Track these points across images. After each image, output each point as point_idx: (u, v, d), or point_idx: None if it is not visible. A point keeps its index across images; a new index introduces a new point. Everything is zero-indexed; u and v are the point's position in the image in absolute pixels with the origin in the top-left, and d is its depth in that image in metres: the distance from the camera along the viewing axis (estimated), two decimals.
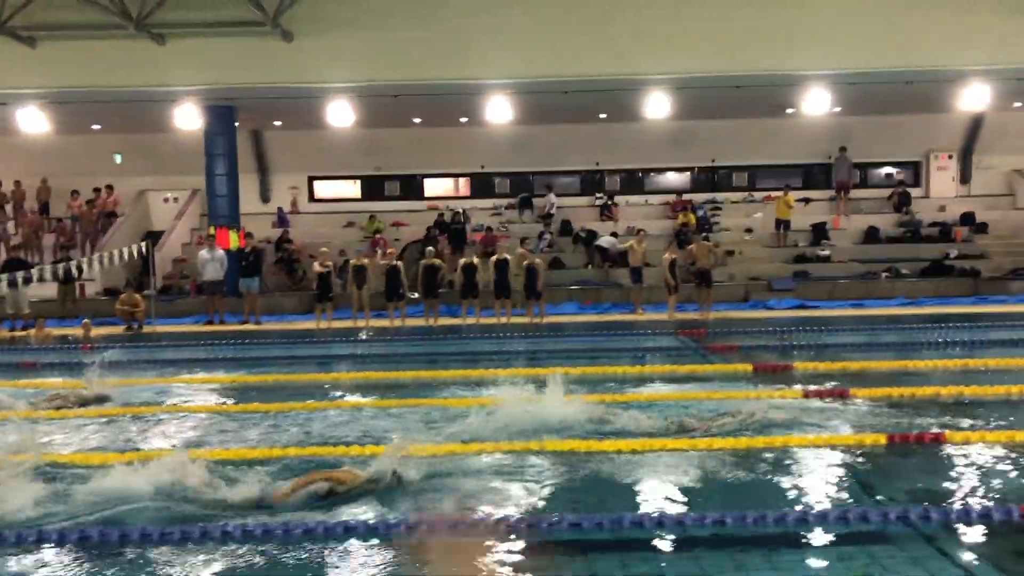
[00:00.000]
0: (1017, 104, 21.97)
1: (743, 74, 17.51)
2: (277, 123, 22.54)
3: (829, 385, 9.42)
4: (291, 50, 16.61)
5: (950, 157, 24.80)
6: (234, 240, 18.78)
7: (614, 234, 22.00)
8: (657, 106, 18.13)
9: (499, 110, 18.04)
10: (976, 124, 24.11)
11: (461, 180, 25.78)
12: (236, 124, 21.83)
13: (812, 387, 9.22)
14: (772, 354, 12.14)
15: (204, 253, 17.71)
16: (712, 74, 17.46)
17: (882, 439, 7.11)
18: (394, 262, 17.11)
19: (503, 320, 16.84)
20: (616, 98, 18.91)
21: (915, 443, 7.04)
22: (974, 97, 18.27)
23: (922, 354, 11.76)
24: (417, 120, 22.63)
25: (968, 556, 4.67)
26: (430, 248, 18.04)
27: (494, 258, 16.98)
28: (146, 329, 16.92)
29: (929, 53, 17.25)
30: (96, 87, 16.75)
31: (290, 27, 16.29)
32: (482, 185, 25.66)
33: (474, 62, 17.09)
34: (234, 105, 19.26)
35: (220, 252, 17.76)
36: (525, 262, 16.72)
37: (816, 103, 18.35)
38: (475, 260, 17.15)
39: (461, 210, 23.84)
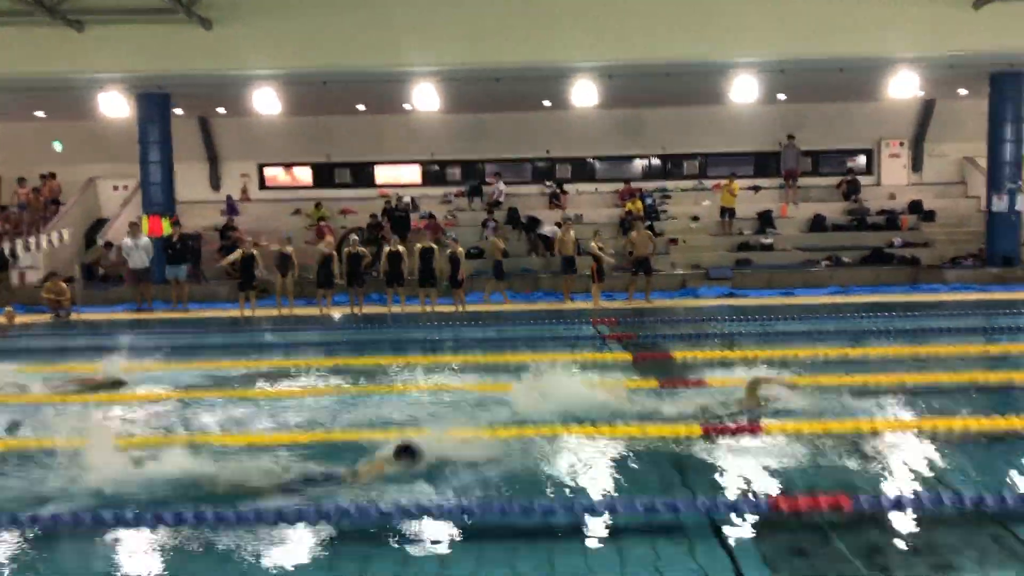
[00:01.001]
0: (963, 91, 21.84)
1: (672, 61, 17.41)
2: (221, 110, 22.47)
3: (691, 377, 9.43)
4: (212, 37, 16.54)
5: (902, 144, 24.68)
6: (167, 228, 18.76)
7: (557, 223, 21.93)
8: (586, 94, 18.02)
9: (427, 98, 17.94)
10: (927, 111, 24.00)
11: (412, 168, 25.72)
12: (180, 112, 21.94)
13: (669, 377, 9.25)
14: (663, 343, 12.19)
15: (127, 241, 17.71)
16: (641, 61, 17.37)
17: (697, 430, 7.13)
18: (325, 250, 17.07)
19: (427, 309, 16.86)
20: (550, 86, 18.82)
21: (729, 435, 7.05)
22: (904, 85, 18.14)
23: (812, 343, 11.78)
24: (361, 107, 22.57)
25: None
26: (354, 236, 18.02)
27: (418, 246, 16.97)
28: (73, 317, 16.95)
29: (859, 41, 17.14)
30: (15, 74, 16.70)
31: (208, 15, 16.22)
32: (433, 173, 25.61)
33: (399, 49, 17.02)
34: (168, 92, 19.20)
35: (145, 240, 17.76)
36: (448, 251, 16.70)
37: (746, 91, 18.22)
38: (400, 248, 17.12)
39: (409, 198, 23.81)
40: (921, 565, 4.52)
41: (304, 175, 25.74)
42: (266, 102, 18.28)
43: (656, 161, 25.56)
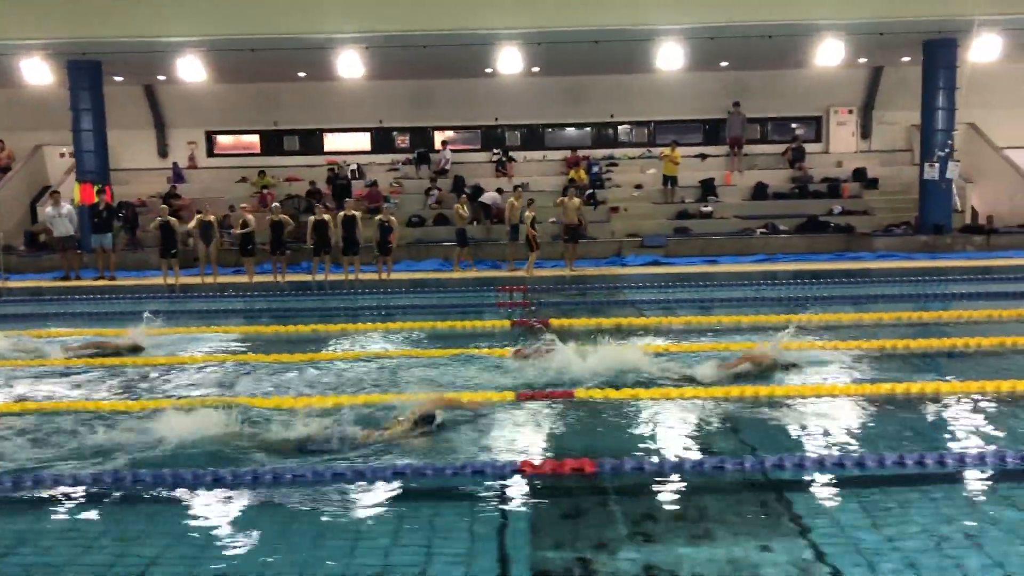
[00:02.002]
0: (906, 59, 21.71)
1: (598, 28, 17.34)
2: (162, 78, 22.37)
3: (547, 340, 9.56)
4: (137, 4, 16.49)
5: (850, 112, 24.59)
6: (98, 196, 18.80)
7: (499, 190, 21.95)
8: (513, 61, 17.95)
9: (352, 65, 17.88)
10: (875, 79, 23.90)
11: (362, 135, 25.67)
12: (120, 79, 21.86)
13: (521, 346, 9.37)
14: (557, 311, 12.32)
15: (49, 210, 17.79)
16: (567, 28, 17.30)
17: (511, 395, 7.27)
18: (247, 217, 17.13)
19: (351, 277, 16.96)
20: (482, 53, 18.72)
21: (542, 399, 7.19)
22: (831, 51, 18.07)
23: (706, 311, 11.93)
24: (302, 74, 22.49)
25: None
26: (276, 204, 18.06)
27: (341, 214, 17.02)
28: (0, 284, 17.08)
29: (785, 7, 17.07)
30: None
31: None
32: (382, 140, 25.56)
33: (323, 16, 16.94)
34: (99, 60, 19.13)
35: (67, 208, 17.83)
36: (378, 217, 16.80)
37: (673, 59, 18.14)
38: (326, 216, 17.18)
39: (355, 165, 23.84)
40: (683, 530, 4.52)
41: (253, 142, 25.71)
42: (192, 70, 18.20)
43: (606, 129, 25.51)
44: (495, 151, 24.71)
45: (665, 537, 4.40)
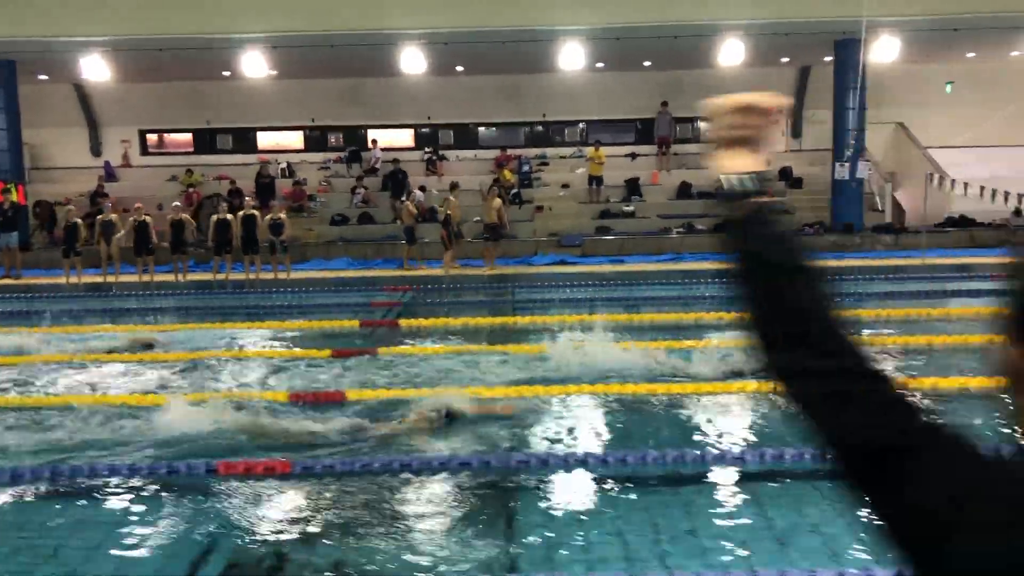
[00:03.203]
0: (828, 58, 21.76)
1: (500, 28, 17.40)
2: (84, 76, 22.38)
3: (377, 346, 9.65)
4: (38, 4, 16.53)
5: (780, 111, 24.57)
6: (13, 195, 18.83)
7: (422, 188, 21.97)
8: (413, 62, 18.02)
9: (255, 64, 17.94)
10: (804, 78, 23.97)
11: (295, 134, 25.73)
12: (45, 78, 21.91)
13: (343, 347, 9.46)
14: (425, 311, 12.42)
15: None
16: (470, 28, 17.36)
17: (283, 396, 7.35)
18: (143, 218, 17.18)
19: (252, 276, 17.03)
20: (376, 53, 18.78)
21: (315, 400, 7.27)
22: (733, 52, 18.13)
23: (576, 310, 12.03)
24: (226, 73, 22.52)
25: None
26: (176, 203, 18.10)
27: (240, 214, 17.08)
28: None
29: (689, 8, 17.13)
30: None
31: None
32: (315, 139, 25.62)
33: (224, 15, 16.99)
34: (13, 60, 19.17)
35: None
36: (269, 216, 16.87)
37: (572, 59, 18.21)
38: (228, 216, 17.24)
39: (285, 164, 23.91)
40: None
41: (187, 141, 25.77)
42: (101, 69, 18.30)
43: (538, 128, 25.58)
44: (426, 149, 24.78)
45: (361, 534, 4.51)
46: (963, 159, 23.51)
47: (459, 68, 22.28)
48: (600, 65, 22.12)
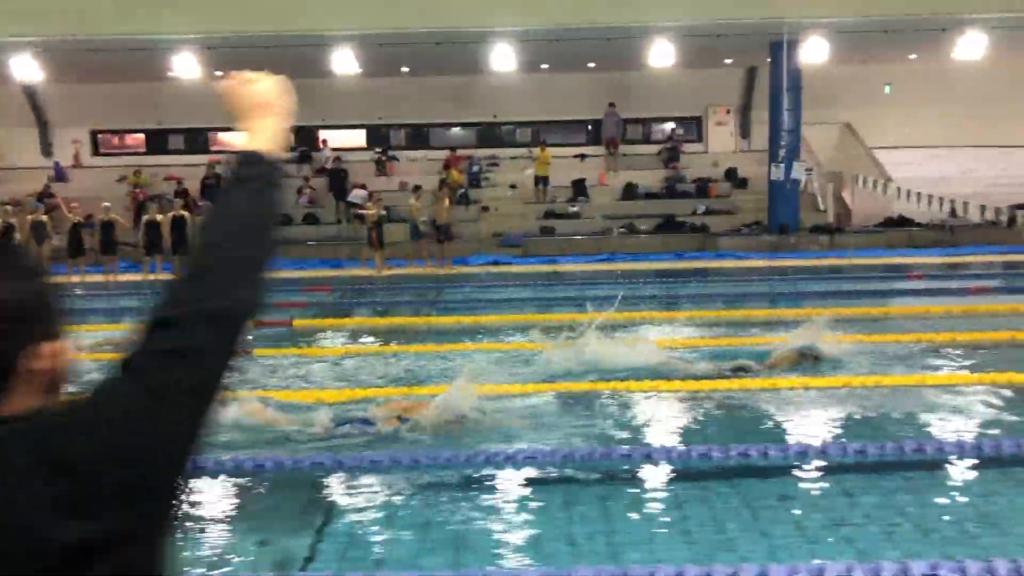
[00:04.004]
0: (770, 60, 21.87)
1: (432, 29, 17.46)
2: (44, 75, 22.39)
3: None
4: None
5: (728, 112, 24.79)
6: None
7: (362, 185, 22.00)
8: (343, 63, 18.08)
9: (186, 65, 17.98)
10: (751, 79, 24.08)
11: (246, 134, 25.71)
12: None
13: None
14: (329, 311, 12.50)
15: None
16: (401, 30, 17.42)
17: None
18: (78, 218, 17.23)
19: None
20: (310, 54, 18.82)
21: None
22: (661, 53, 18.22)
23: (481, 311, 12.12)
24: (171, 73, 22.52)
25: None
26: (106, 204, 18.13)
27: (170, 215, 17.12)
28: None
29: (619, 9, 17.19)
30: None
31: None
32: None
33: (156, 17, 17.00)
34: None
35: None
36: (170, 214, 16.93)
37: (505, 61, 18.28)
38: (158, 217, 17.28)
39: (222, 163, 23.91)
40: None
41: (139, 141, 25.80)
42: (23, 69, 18.30)
43: (489, 128, 25.65)
44: (376, 150, 24.84)
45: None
46: (910, 159, 23.68)
47: (404, 69, 22.34)
48: (544, 66, 22.23)
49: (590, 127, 25.21)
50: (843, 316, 10.75)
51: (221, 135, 25.65)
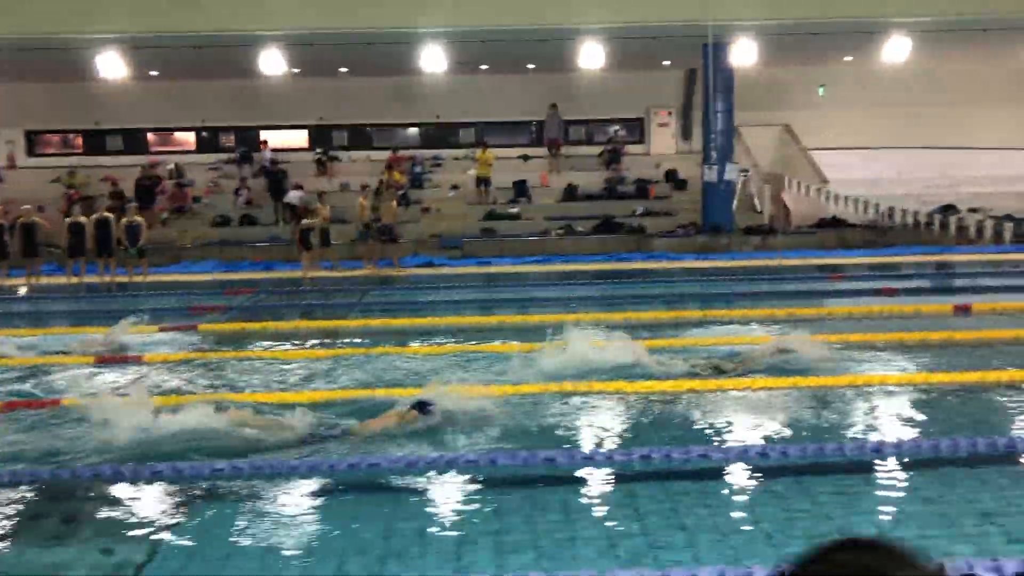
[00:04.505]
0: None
1: (363, 31, 17.38)
2: None
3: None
4: None
5: (670, 114, 24.93)
6: None
7: (298, 186, 21.82)
8: (271, 63, 17.94)
9: (112, 65, 17.73)
10: (691, 80, 24.23)
11: (188, 134, 25.49)
12: None
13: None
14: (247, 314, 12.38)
15: None
16: (329, 31, 17.31)
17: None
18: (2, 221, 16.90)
19: (107, 279, 16.81)
20: (229, 55, 18.64)
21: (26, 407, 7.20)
22: (591, 56, 18.28)
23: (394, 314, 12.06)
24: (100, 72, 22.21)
25: None
26: (27, 206, 17.81)
27: (94, 216, 16.86)
28: None
29: (544, 10, 17.21)
30: None
31: None
32: (207, 140, 25.39)
33: (79, 15, 16.75)
34: None
35: None
36: (93, 216, 16.69)
37: (435, 62, 18.24)
38: (81, 218, 17.00)
39: (172, 164, 23.65)
40: None
41: (76, 142, 25.40)
42: None
43: (433, 129, 25.60)
44: (317, 150, 24.67)
45: None
46: (849, 160, 24.01)
47: (342, 69, 22.20)
48: (484, 67, 22.21)
49: (533, 128, 25.23)
50: (775, 317, 10.88)
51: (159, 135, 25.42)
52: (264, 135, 24.86)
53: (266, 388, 7.81)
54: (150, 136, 25.35)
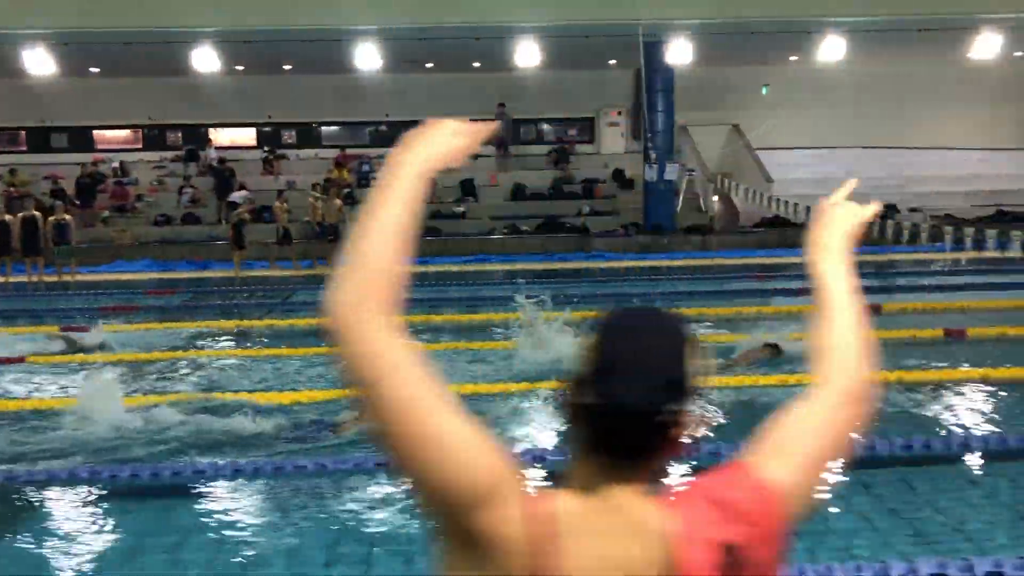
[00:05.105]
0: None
1: (297, 28, 17.23)
2: None
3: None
4: None
5: (619, 113, 24.93)
6: None
7: (242, 186, 21.67)
8: (207, 61, 17.78)
9: (40, 62, 17.51)
10: (640, 80, 24.19)
11: (134, 132, 25.23)
12: None
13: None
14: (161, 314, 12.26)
15: None
16: (257, 27, 17.16)
17: None
18: None
19: (34, 279, 16.59)
20: (170, 52, 18.47)
21: None
22: (527, 54, 18.24)
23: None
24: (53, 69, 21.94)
25: None
26: None
27: (21, 215, 16.63)
28: None
29: (483, 9, 17.14)
30: None
31: None
32: (153, 137, 25.15)
33: (17, 10, 16.54)
34: None
35: None
36: (20, 215, 16.48)
37: (370, 60, 18.16)
38: (7, 217, 16.77)
39: (117, 162, 23.42)
40: None
41: (19, 139, 25.09)
42: None
43: (382, 128, 25.46)
44: (264, 148, 24.50)
45: None
46: (799, 160, 24.10)
47: (286, 67, 22.05)
48: (429, 65, 22.11)
49: None
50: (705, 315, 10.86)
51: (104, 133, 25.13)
52: (212, 133, 24.66)
53: (153, 391, 7.70)
54: (95, 134, 25.01)
